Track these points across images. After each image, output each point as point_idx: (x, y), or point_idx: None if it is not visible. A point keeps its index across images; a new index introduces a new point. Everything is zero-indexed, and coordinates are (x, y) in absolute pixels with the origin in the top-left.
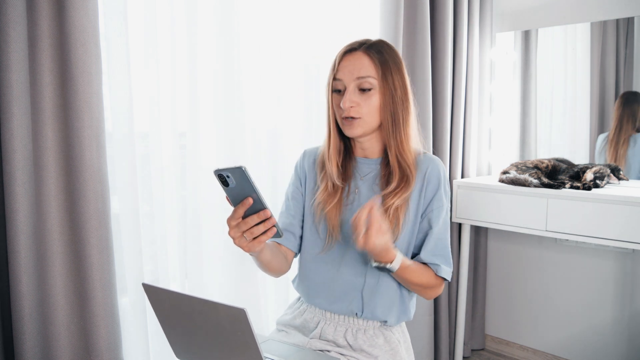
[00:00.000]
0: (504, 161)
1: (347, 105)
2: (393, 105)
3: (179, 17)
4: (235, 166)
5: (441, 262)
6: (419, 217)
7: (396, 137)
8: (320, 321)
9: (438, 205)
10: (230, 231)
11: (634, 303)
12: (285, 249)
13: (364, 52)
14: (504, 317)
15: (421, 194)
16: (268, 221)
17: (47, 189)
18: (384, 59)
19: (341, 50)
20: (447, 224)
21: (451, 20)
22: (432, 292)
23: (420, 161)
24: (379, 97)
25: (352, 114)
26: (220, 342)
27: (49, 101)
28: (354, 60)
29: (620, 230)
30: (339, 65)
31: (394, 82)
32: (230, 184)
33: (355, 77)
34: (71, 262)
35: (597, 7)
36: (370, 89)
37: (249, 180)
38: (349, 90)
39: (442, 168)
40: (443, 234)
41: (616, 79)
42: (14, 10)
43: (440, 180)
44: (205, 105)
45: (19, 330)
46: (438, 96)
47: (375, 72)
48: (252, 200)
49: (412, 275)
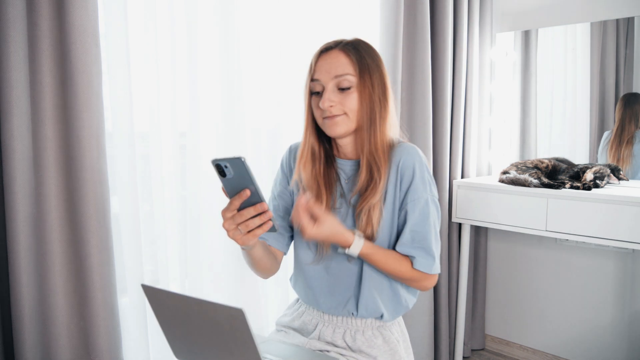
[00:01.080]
0: (504, 161)
1: (326, 104)
2: (371, 104)
3: (179, 17)
4: (234, 156)
5: (418, 255)
6: (396, 211)
7: (370, 139)
8: (318, 323)
9: (414, 197)
10: (224, 223)
11: (634, 303)
12: (274, 249)
13: (341, 50)
14: (504, 317)
15: (396, 187)
16: (264, 214)
17: (47, 189)
18: (361, 56)
19: (317, 51)
20: (426, 214)
21: (451, 20)
22: (417, 284)
23: (394, 152)
24: (357, 96)
25: (333, 112)
26: (219, 342)
27: (49, 101)
28: (331, 59)
29: (620, 230)
30: (316, 65)
31: (372, 80)
32: (227, 175)
33: (333, 75)
34: (71, 262)
35: (597, 7)
36: (350, 87)
37: (247, 171)
38: (328, 89)
39: (418, 157)
40: (421, 225)
41: (616, 79)
42: (14, 10)
43: (414, 171)
44: (205, 105)
45: (19, 330)
46: (438, 96)
47: (353, 70)
48: (249, 192)
49: (381, 263)
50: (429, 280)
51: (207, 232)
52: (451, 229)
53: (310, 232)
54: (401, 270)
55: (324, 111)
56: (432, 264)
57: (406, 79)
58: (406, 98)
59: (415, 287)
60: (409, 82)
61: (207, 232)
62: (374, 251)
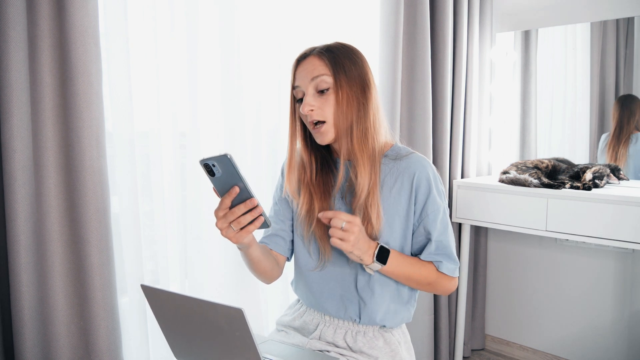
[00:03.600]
0: (504, 161)
1: (306, 109)
2: (349, 101)
3: (179, 17)
4: (220, 154)
5: (443, 259)
6: (411, 223)
7: (351, 138)
8: (319, 323)
9: (433, 209)
10: (217, 222)
11: (634, 303)
12: (276, 253)
13: (315, 55)
14: (504, 317)
15: (411, 198)
16: (255, 210)
17: (47, 189)
18: (334, 56)
19: (295, 60)
20: (445, 223)
21: (451, 20)
22: (441, 287)
23: (406, 164)
24: (334, 96)
25: (314, 117)
26: (218, 342)
27: (49, 101)
28: (307, 65)
29: (620, 230)
30: (295, 73)
31: (347, 78)
32: (216, 173)
33: (309, 78)
34: (71, 262)
35: (597, 7)
36: (328, 88)
37: (234, 168)
38: (308, 94)
39: (431, 169)
40: (443, 235)
41: (616, 79)
42: (14, 10)
43: (430, 183)
44: (205, 105)
45: (19, 330)
46: (438, 96)
47: (328, 70)
48: (238, 189)
49: (409, 266)
50: (453, 282)
51: (207, 232)
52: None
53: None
54: (429, 273)
55: (307, 116)
56: (455, 268)
57: (406, 79)
58: (406, 98)
59: (439, 290)
60: (409, 82)
61: (207, 232)
62: (401, 256)
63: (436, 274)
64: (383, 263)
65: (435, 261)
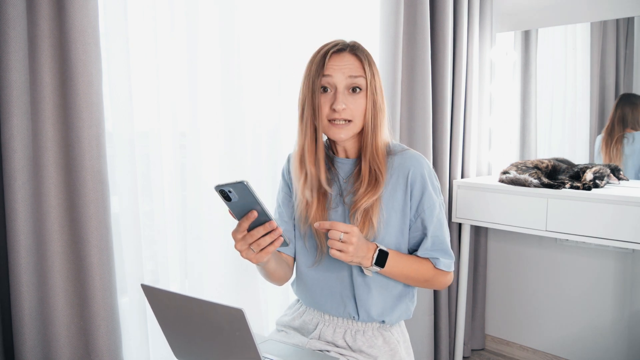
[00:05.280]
0: (504, 161)
1: (340, 107)
2: (375, 108)
3: (179, 17)
4: (236, 181)
5: (440, 256)
6: (407, 219)
7: (372, 141)
8: (319, 323)
9: (429, 205)
10: (236, 244)
11: (634, 303)
12: (286, 256)
13: (352, 54)
14: (504, 317)
15: (406, 195)
16: (274, 232)
17: (47, 189)
18: (370, 61)
19: (325, 49)
20: (441, 219)
21: (451, 20)
22: (438, 282)
23: (397, 158)
24: (365, 100)
25: (344, 116)
26: (219, 342)
27: (49, 101)
28: (343, 61)
29: (620, 230)
30: (329, 62)
31: (375, 84)
32: (232, 199)
33: (347, 75)
34: (71, 262)
35: (597, 7)
36: (361, 90)
37: (251, 193)
38: (340, 90)
39: (426, 165)
40: (439, 230)
41: (616, 79)
42: (14, 10)
43: (425, 179)
44: (205, 105)
45: (19, 330)
46: (438, 96)
47: (364, 72)
48: (256, 213)
49: (407, 264)
50: (449, 276)
51: (207, 232)
52: (451, 229)
53: (347, 258)
54: (426, 270)
55: (331, 113)
56: (451, 263)
57: (406, 79)
58: (406, 98)
59: (435, 285)
60: (409, 82)
61: (207, 232)
62: (400, 256)
63: (433, 270)
64: (382, 266)
65: (432, 258)
